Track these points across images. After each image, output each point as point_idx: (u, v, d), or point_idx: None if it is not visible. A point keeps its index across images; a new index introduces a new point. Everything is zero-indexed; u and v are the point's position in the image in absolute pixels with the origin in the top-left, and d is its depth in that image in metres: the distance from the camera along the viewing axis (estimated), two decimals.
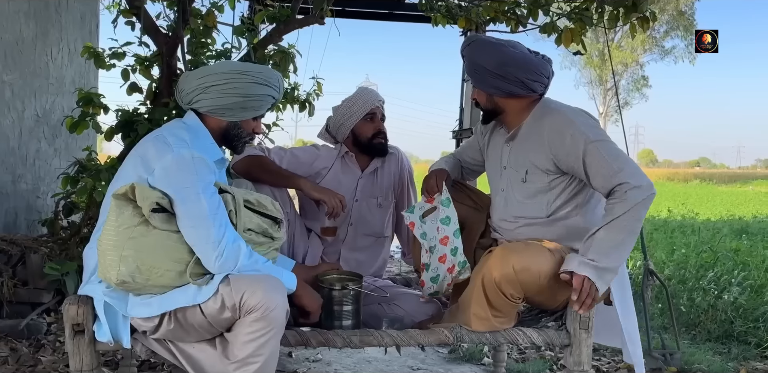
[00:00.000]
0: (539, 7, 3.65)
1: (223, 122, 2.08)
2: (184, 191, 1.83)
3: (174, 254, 1.80)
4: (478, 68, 2.22)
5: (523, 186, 2.23)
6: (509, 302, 2.05)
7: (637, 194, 1.97)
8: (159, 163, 1.85)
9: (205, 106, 2.04)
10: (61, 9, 4.50)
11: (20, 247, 3.35)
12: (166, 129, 2.01)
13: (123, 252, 1.75)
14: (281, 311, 1.79)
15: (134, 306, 1.83)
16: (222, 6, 3.64)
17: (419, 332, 2.12)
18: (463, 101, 5.98)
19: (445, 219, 2.31)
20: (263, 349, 1.78)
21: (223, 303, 1.78)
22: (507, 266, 2.00)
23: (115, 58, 3.43)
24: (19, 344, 3.00)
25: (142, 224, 1.79)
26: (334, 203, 2.50)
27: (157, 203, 1.79)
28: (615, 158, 2.04)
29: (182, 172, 1.84)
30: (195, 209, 1.82)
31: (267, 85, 2.07)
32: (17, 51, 3.90)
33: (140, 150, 1.94)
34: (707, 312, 3.85)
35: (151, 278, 1.78)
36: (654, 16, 3.40)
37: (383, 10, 5.53)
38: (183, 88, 2.08)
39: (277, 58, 3.64)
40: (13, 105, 3.89)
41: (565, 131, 2.10)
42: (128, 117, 3.21)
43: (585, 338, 2.10)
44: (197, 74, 2.07)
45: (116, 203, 1.79)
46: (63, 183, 3.27)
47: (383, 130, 2.80)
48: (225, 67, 2.07)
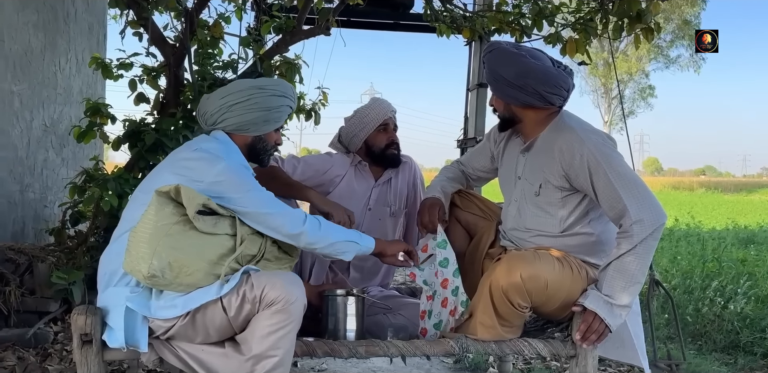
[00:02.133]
0: (544, 18, 3.66)
1: (248, 138, 2.17)
2: (245, 187, 1.97)
3: (206, 255, 1.86)
4: (497, 77, 2.20)
5: (536, 199, 2.21)
6: (516, 311, 2.05)
7: (640, 229, 1.96)
8: (213, 171, 1.94)
9: (231, 124, 2.13)
10: (70, 20, 4.54)
11: (28, 256, 3.37)
12: (202, 143, 2.08)
13: (158, 247, 1.79)
14: (300, 305, 1.85)
15: (159, 309, 1.86)
16: (229, 17, 3.68)
17: (425, 342, 2.12)
18: (467, 110, 5.99)
19: (444, 261, 2.31)
20: (282, 342, 1.82)
21: (244, 296, 1.83)
22: (514, 275, 2.00)
23: (123, 69, 3.46)
24: (26, 353, 3.01)
25: (180, 223, 1.84)
26: (342, 217, 2.49)
27: (204, 205, 1.86)
28: (624, 185, 2.00)
29: (238, 175, 1.98)
30: (262, 198, 1.99)
31: (284, 96, 2.18)
32: (26, 61, 3.94)
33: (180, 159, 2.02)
34: (713, 322, 3.84)
35: (180, 276, 1.82)
36: (658, 26, 3.40)
37: (388, 21, 5.56)
38: (206, 111, 2.15)
39: (283, 68, 3.66)
40: (21, 115, 3.92)
41: (575, 151, 2.08)
42: (135, 127, 3.24)
43: (591, 349, 2.10)
44: (218, 95, 2.15)
45: (158, 199, 1.85)
46: (70, 192, 3.29)
47: (396, 140, 2.81)
48: (243, 85, 2.16)
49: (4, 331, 3.10)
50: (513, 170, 2.33)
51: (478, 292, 2.14)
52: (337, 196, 2.76)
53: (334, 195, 2.77)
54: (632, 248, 1.97)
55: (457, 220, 2.51)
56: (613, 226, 2.11)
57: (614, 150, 2.13)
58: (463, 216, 2.52)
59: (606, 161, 2.04)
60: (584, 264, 2.15)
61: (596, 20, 3.53)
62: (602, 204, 2.06)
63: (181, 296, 1.85)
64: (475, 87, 5.78)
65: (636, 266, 1.98)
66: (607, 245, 2.16)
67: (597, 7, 3.49)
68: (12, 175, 3.84)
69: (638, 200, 1.99)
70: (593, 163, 2.04)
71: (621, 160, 2.08)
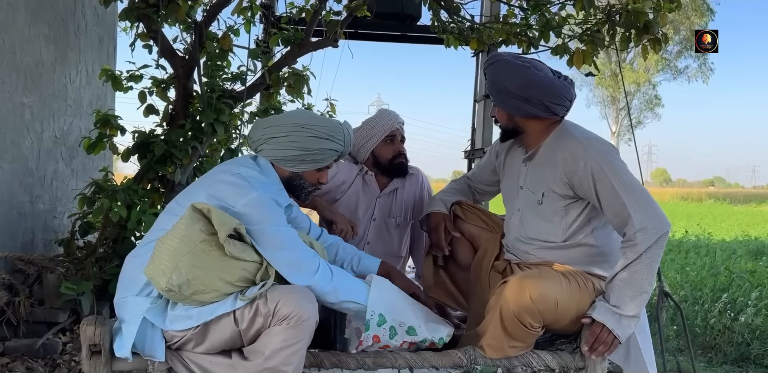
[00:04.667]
0: (551, 29, 3.68)
1: (286, 172, 2.14)
2: (269, 221, 1.93)
3: (226, 277, 1.85)
4: (501, 88, 2.19)
5: (538, 208, 2.21)
6: (529, 331, 2.04)
7: (645, 237, 1.96)
8: (242, 200, 1.93)
9: (267, 155, 2.12)
10: (80, 33, 4.59)
11: (37, 266, 3.38)
12: (243, 167, 2.05)
13: (179, 262, 1.80)
14: (312, 322, 1.84)
15: (174, 320, 1.87)
16: (237, 29, 3.71)
17: (433, 354, 2.11)
18: (474, 121, 6.00)
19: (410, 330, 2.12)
20: (293, 357, 1.82)
21: (257, 310, 1.83)
22: (524, 297, 1.99)
23: (132, 81, 3.49)
24: (35, 363, 3.01)
25: (205, 242, 1.83)
26: (345, 227, 2.51)
27: (235, 229, 1.85)
28: (627, 193, 2.01)
29: (265, 208, 1.94)
30: (281, 236, 1.93)
31: (329, 139, 2.10)
32: (37, 74, 3.97)
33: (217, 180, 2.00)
34: (723, 334, 3.81)
35: (196, 293, 1.83)
36: (666, 37, 3.40)
37: (396, 33, 5.58)
38: (251, 137, 2.16)
39: (291, 80, 3.68)
40: (32, 127, 3.95)
41: (579, 158, 2.08)
42: (145, 138, 3.26)
43: (599, 360, 2.09)
44: (263, 124, 2.14)
45: (191, 214, 1.85)
46: (79, 203, 3.31)
47: (403, 151, 2.82)
48: (289, 120, 2.12)
49: (14, 341, 3.10)
50: (515, 180, 2.34)
51: (489, 315, 2.12)
52: (344, 205, 2.78)
53: (340, 204, 2.79)
54: (638, 256, 1.96)
55: (461, 232, 2.52)
56: (617, 236, 2.11)
57: (617, 158, 2.13)
58: (467, 228, 2.52)
59: (610, 169, 2.04)
60: (589, 276, 2.15)
61: (603, 31, 3.54)
62: (606, 212, 2.06)
63: (196, 308, 1.87)
64: (482, 98, 5.79)
65: (643, 276, 1.97)
66: (611, 256, 2.16)
67: (604, 18, 3.50)
68: (22, 186, 3.86)
69: (642, 207, 1.99)
70: (597, 171, 2.05)
71: (624, 168, 2.08)
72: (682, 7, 3.59)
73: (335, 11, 3.74)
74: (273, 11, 4.44)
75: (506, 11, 4.10)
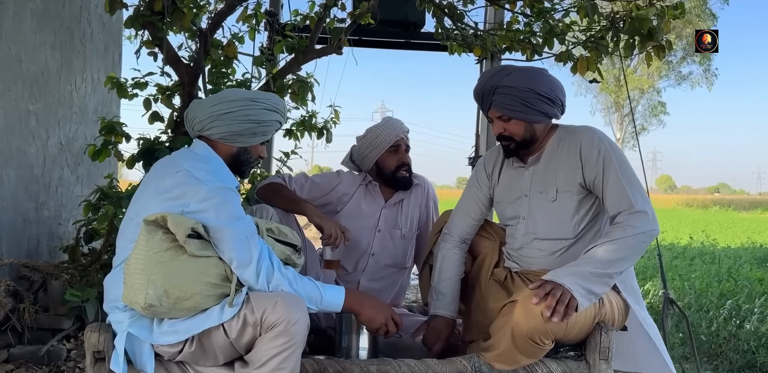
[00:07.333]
0: (554, 36, 3.68)
1: (233, 148, 2.14)
2: (222, 217, 1.90)
3: (202, 277, 1.84)
4: (528, 96, 2.15)
5: (552, 205, 2.22)
6: (540, 347, 2.00)
7: (639, 221, 2.00)
8: (194, 199, 1.91)
9: (218, 133, 2.09)
10: (86, 40, 4.61)
11: (42, 273, 3.39)
12: (185, 161, 2.02)
13: (152, 276, 1.78)
14: (302, 326, 1.82)
15: (161, 335, 1.85)
16: (242, 37, 3.73)
17: (437, 361, 2.11)
18: (479, 128, 5.99)
19: None
20: (286, 363, 1.80)
21: (245, 321, 1.81)
22: (534, 317, 1.92)
23: (138, 88, 3.50)
24: (39, 370, 3.01)
25: (171, 249, 1.82)
26: (332, 232, 2.46)
27: (193, 229, 1.84)
28: (630, 184, 2.10)
29: (218, 202, 1.91)
30: (235, 233, 1.89)
31: (276, 111, 2.15)
32: (42, 81, 3.99)
33: (164, 185, 1.96)
34: (729, 342, 3.79)
35: (178, 302, 1.81)
36: (670, 44, 3.40)
37: (400, 40, 5.59)
38: (195, 116, 2.12)
39: (295, 87, 3.69)
40: (37, 134, 3.96)
41: (594, 147, 2.16)
42: (149, 145, 3.27)
43: (605, 368, 2.08)
44: (209, 102, 2.12)
45: (146, 228, 1.83)
46: (84, 210, 3.32)
47: (407, 162, 2.78)
48: (236, 95, 2.13)
49: (18, 348, 3.11)
50: (517, 190, 2.32)
51: (498, 334, 2.08)
52: (346, 215, 2.76)
53: (342, 214, 2.76)
54: (624, 237, 1.97)
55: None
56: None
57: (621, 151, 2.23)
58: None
59: (618, 159, 2.14)
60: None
61: (607, 38, 3.54)
62: (607, 200, 2.11)
63: (183, 321, 1.85)
64: None
65: (613, 256, 1.94)
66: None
67: (608, 25, 3.50)
68: (27, 192, 3.88)
69: (643, 198, 2.09)
70: (608, 160, 2.13)
71: (628, 162, 2.18)
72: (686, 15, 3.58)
73: (339, 19, 3.75)
74: (277, 19, 4.46)
75: (510, 18, 4.11)
